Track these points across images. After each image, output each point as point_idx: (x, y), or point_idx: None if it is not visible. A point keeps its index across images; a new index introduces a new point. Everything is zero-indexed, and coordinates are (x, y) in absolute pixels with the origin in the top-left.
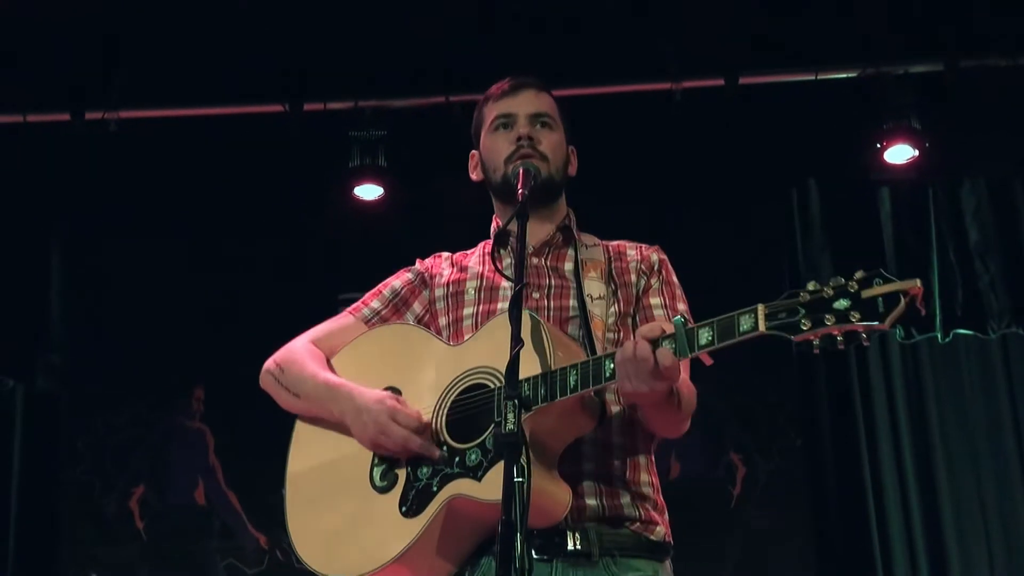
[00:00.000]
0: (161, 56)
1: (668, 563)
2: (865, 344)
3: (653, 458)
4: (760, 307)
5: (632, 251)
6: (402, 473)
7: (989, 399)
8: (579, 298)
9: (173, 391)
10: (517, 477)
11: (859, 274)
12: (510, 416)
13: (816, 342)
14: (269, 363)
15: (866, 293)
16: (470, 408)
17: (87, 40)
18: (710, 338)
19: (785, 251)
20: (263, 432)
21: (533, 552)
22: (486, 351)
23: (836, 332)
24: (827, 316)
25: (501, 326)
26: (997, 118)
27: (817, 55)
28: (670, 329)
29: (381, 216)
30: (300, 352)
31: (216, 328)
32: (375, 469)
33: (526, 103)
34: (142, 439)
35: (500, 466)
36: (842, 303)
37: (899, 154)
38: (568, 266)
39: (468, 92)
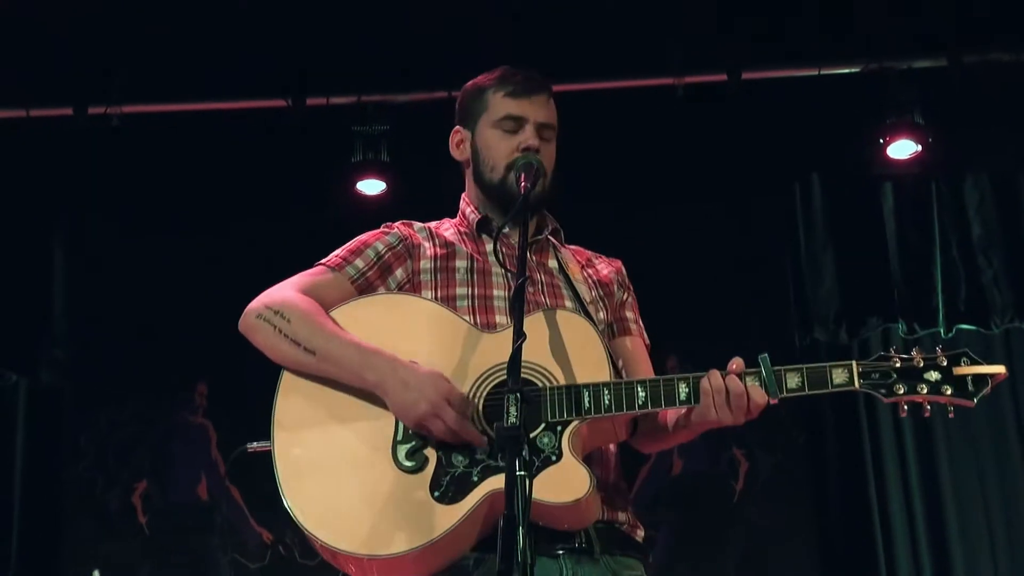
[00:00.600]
0: (164, 51)
1: (647, 561)
2: (950, 416)
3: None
4: (854, 364)
5: (602, 262)
6: (432, 456)
7: (992, 395)
8: (577, 300)
9: (176, 387)
10: (520, 471)
11: (947, 352)
12: (512, 410)
13: (906, 406)
14: (258, 307)
15: (957, 371)
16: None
17: (90, 35)
18: (800, 383)
19: (788, 246)
20: (265, 427)
21: (546, 550)
22: (529, 345)
23: (925, 401)
24: (920, 385)
25: (538, 322)
26: (1000, 113)
27: (820, 50)
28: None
29: (384, 211)
30: (302, 302)
31: (219, 323)
32: (400, 447)
33: (538, 110)
34: (145, 435)
35: (552, 468)
36: (934, 375)
37: (902, 149)
38: (552, 264)
39: None
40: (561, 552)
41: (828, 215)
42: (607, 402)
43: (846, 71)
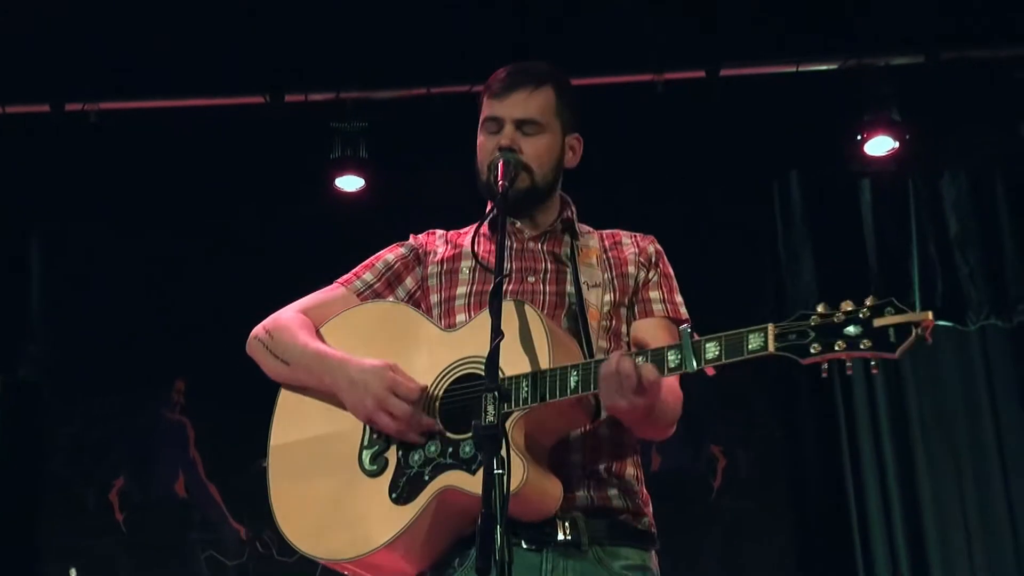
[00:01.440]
0: (142, 47)
1: (654, 553)
2: (873, 372)
3: (639, 450)
4: (770, 327)
5: (628, 240)
6: (392, 458)
7: (968, 390)
8: (575, 284)
9: (154, 383)
10: (497, 469)
11: (870, 300)
12: (490, 408)
13: (825, 366)
14: (258, 329)
15: (878, 321)
16: (465, 398)
17: (68, 31)
18: (717, 353)
19: (766, 242)
20: (244, 424)
21: (524, 543)
22: (483, 340)
23: (845, 358)
24: (838, 341)
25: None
26: (977, 110)
27: (799, 47)
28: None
29: (362, 208)
30: (290, 320)
31: (197, 320)
32: (365, 451)
33: (514, 107)
34: (122, 431)
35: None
36: (853, 329)
37: (880, 146)
38: (565, 252)
39: (450, 84)
40: (545, 545)
41: (806, 211)
42: (543, 390)
43: (824, 68)
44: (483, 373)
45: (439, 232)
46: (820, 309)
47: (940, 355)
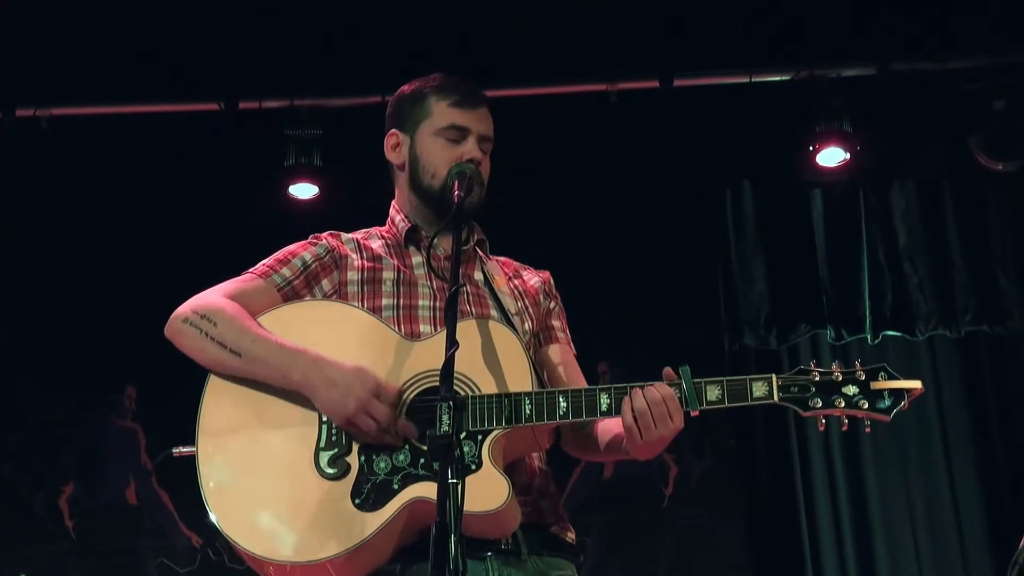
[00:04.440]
0: (95, 53)
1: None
2: (867, 431)
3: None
4: (774, 377)
5: (530, 273)
6: (355, 463)
7: (917, 400)
8: (500, 310)
9: (104, 389)
10: (452, 479)
11: (865, 366)
12: (444, 418)
13: (823, 420)
14: (185, 311)
15: (874, 385)
16: (434, 410)
17: (19, 36)
18: (720, 396)
19: (718, 251)
20: (195, 431)
21: (473, 552)
22: (456, 353)
23: (843, 415)
24: (837, 399)
25: (468, 330)
26: (926, 121)
27: (751, 58)
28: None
29: (316, 215)
30: (228, 306)
31: (148, 326)
32: (322, 453)
33: (480, 122)
34: (72, 437)
35: (471, 477)
36: (852, 389)
37: (831, 157)
38: (478, 276)
39: None
40: (489, 554)
41: (758, 221)
42: (528, 412)
43: (777, 79)
44: (456, 389)
45: (344, 236)
46: (819, 368)
47: (889, 365)
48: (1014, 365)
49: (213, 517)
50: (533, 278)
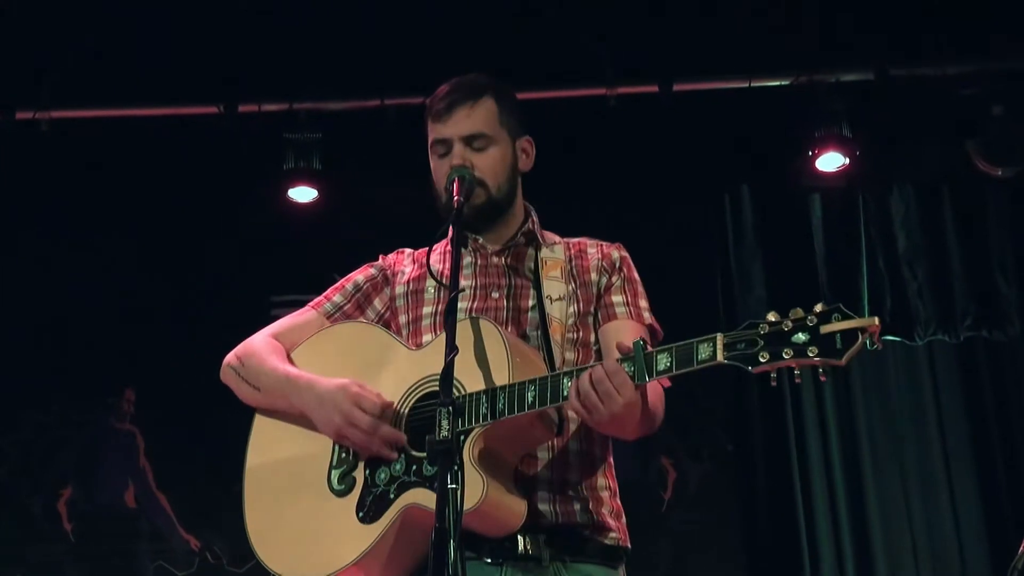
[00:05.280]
0: (94, 56)
1: (622, 569)
2: (822, 379)
3: (611, 462)
4: (719, 336)
5: (593, 249)
6: (360, 477)
7: (916, 405)
8: (538, 299)
9: (103, 392)
10: (451, 484)
11: (818, 307)
12: (444, 423)
13: (773, 374)
14: (230, 357)
15: (824, 328)
16: (429, 416)
17: (19, 39)
18: (668, 364)
19: (717, 256)
20: (194, 434)
21: (485, 557)
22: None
23: (794, 366)
24: (785, 350)
25: (460, 332)
26: (925, 126)
27: (751, 63)
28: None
29: (315, 218)
30: (260, 346)
31: (147, 329)
32: (333, 471)
33: (458, 125)
34: (70, 440)
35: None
36: (800, 337)
37: (830, 162)
38: (529, 265)
39: (403, 96)
40: (503, 560)
41: (757, 226)
42: (501, 406)
43: (776, 84)
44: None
45: (408, 251)
46: (770, 317)
47: (888, 370)
48: (1013, 370)
49: (255, 551)
50: (594, 256)
